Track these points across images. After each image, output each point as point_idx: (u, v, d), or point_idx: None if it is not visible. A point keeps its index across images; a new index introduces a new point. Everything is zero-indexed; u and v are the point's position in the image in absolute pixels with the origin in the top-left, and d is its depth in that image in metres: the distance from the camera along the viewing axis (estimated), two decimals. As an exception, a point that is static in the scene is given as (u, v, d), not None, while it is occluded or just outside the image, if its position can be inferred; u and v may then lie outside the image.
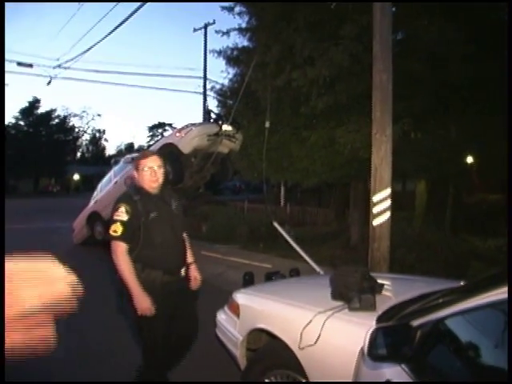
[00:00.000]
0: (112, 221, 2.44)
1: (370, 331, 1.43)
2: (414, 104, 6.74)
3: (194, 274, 2.71)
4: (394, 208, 5.33)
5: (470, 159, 10.93)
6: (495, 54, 6.34)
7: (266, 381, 2.31)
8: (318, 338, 2.01)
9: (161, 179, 2.52)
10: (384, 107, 5.15)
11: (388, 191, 5.19)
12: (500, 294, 1.32)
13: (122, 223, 2.38)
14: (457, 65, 6.42)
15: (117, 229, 2.38)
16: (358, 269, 2.40)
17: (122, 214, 2.40)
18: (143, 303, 2.33)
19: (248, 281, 4.43)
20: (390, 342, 1.42)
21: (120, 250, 2.38)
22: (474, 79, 6.69)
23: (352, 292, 2.16)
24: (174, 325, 2.59)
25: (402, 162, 7.06)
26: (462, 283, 2.52)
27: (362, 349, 1.77)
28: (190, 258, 2.72)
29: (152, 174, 2.47)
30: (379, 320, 1.93)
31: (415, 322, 1.50)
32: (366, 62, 5.54)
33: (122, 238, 2.39)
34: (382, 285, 2.45)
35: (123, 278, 2.37)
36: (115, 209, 2.45)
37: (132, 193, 2.49)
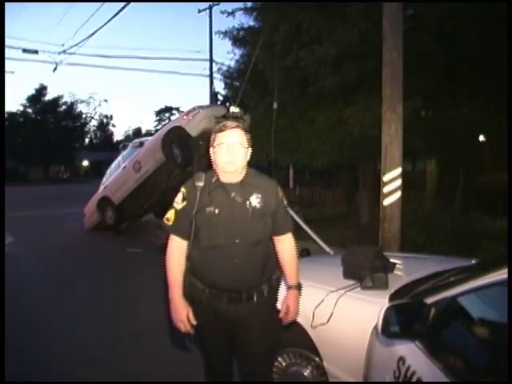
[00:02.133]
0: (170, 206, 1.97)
1: (384, 309, 1.42)
2: (425, 81, 6.60)
3: (289, 303, 1.94)
4: (404, 188, 5.27)
5: (481, 138, 10.75)
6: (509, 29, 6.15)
7: (279, 359, 2.33)
8: (330, 317, 2.01)
9: (241, 162, 1.84)
10: (394, 84, 5.05)
11: (399, 170, 5.13)
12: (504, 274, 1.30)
13: (176, 211, 1.89)
14: (468, 40, 6.25)
15: (170, 216, 1.92)
16: (371, 248, 2.39)
17: (179, 200, 1.90)
18: (175, 313, 1.86)
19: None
20: (403, 320, 1.41)
21: (170, 244, 1.93)
22: (486, 55, 6.51)
23: (364, 271, 2.16)
24: (237, 360, 2.04)
25: (413, 141, 6.97)
26: (473, 262, 2.51)
27: (376, 327, 1.77)
28: (290, 280, 1.97)
29: (228, 153, 1.80)
30: (392, 298, 1.92)
31: (429, 300, 1.49)
32: (375, 40, 5.40)
33: (174, 228, 1.90)
34: (395, 264, 2.44)
35: (166, 278, 1.92)
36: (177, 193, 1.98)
37: (197, 177, 1.89)
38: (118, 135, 51.92)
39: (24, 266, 6.35)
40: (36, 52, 15.66)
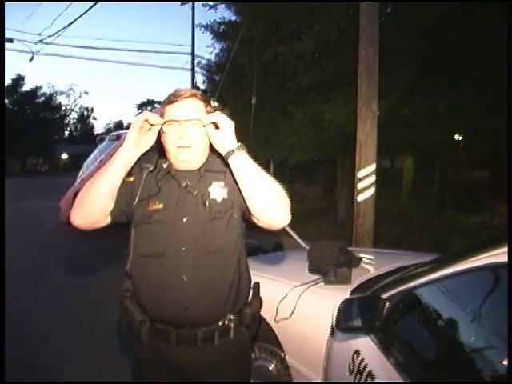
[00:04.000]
0: None
1: (338, 303, 1.44)
2: (401, 79, 6.68)
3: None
4: (381, 184, 5.36)
5: (456, 136, 10.97)
6: (486, 25, 6.26)
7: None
8: (292, 312, 2.02)
9: (200, 146, 1.38)
10: (369, 82, 5.10)
11: (373, 167, 5.19)
12: (472, 262, 1.33)
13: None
14: (446, 38, 6.34)
15: None
16: (335, 242, 2.42)
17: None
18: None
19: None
20: (357, 314, 1.43)
21: None
22: (464, 53, 6.62)
23: (328, 265, 2.18)
24: None
25: (389, 137, 7.06)
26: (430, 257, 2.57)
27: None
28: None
29: (179, 133, 1.34)
30: (353, 293, 1.95)
31: (385, 294, 1.52)
32: (353, 37, 5.44)
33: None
34: (360, 258, 2.47)
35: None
36: None
37: (147, 158, 1.41)
38: (99, 128, 51.10)
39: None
40: (11, 41, 15.20)
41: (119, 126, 46.97)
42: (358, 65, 5.11)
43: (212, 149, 1.43)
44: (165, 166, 1.43)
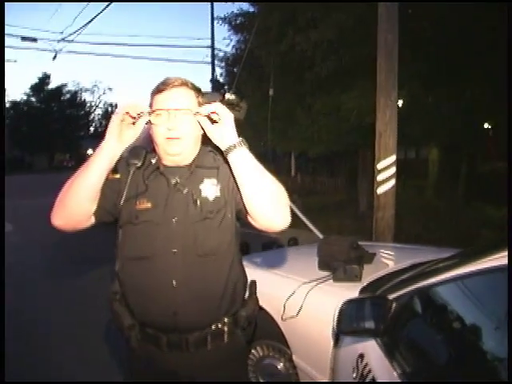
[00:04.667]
0: None
1: (340, 304, 1.35)
2: (422, 66, 6.43)
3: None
4: (406, 176, 5.17)
5: (484, 126, 10.56)
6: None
7: (253, 351, 2.27)
8: (299, 310, 1.94)
9: (190, 139, 1.28)
10: (389, 69, 4.90)
11: (393, 158, 5.01)
12: (488, 261, 1.21)
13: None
14: (467, 27, 6.05)
15: None
16: (346, 238, 2.31)
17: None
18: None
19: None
20: (361, 315, 1.33)
21: None
22: (488, 41, 6.31)
23: (337, 262, 2.08)
24: None
25: (411, 127, 6.82)
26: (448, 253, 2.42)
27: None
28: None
29: (170, 125, 1.23)
30: (363, 291, 1.85)
31: (393, 294, 1.42)
32: (371, 23, 5.25)
33: None
34: (374, 254, 2.36)
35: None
36: None
37: (133, 153, 1.31)
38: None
39: (23, 256, 6.31)
40: (35, 40, 15.52)
41: (142, 121, 47.50)
42: (377, 52, 4.92)
43: (203, 142, 1.34)
44: (153, 161, 1.33)
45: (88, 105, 43.13)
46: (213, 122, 1.26)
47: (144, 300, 1.26)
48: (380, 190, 5.02)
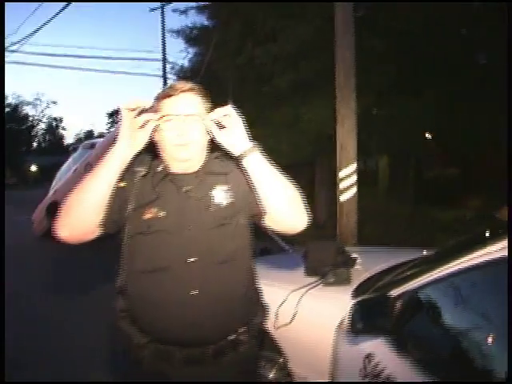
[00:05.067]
0: None
1: (351, 306, 1.38)
2: (375, 80, 6.76)
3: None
4: (358, 184, 5.37)
5: (429, 135, 11.23)
6: (455, 29, 6.43)
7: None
8: (293, 317, 1.95)
9: (199, 145, 1.27)
10: (348, 83, 5.12)
11: (354, 166, 5.21)
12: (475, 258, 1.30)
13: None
14: (416, 40, 6.46)
15: None
16: (332, 243, 2.37)
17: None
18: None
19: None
20: (370, 315, 1.37)
21: None
22: (434, 54, 6.77)
23: (326, 267, 2.12)
24: None
25: (365, 137, 7.13)
26: (425, 252, 2.56)
27: (340, 324, 1.74)
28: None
29: (179, 131, 1.22)
30: (355, 293, 1.90)
31: (393, 293, 1.47)
32: (330, 36, 5.46)
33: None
34: (355, 258, 2.43)
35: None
36: None
37: (138, 161, 1.28)
38: (69, 138, 49.72)
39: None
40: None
41: (90, 135, 45.84)
42: (336, 67, 5.12)
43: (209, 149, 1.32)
44: (159, 169, 1.29)
45: (30, 119, 41.10)
46: (220, 127, 1.25)
47: (159, 314, 1.20)
48: (343, 198, 5.19)
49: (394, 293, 1.47)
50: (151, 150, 1.31)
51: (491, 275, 1.25)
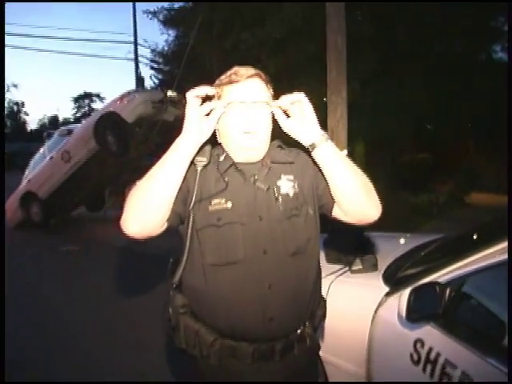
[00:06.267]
0: None
1: (407, 293, 1.39)
2: (361, 67, 6.81)
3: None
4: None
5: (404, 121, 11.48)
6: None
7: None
8: (324, 304, 1.94)
9: (267, 132, 1.21)
10: (339, 68, 5.11)
11: (344, 152, 5.15)
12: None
13: None
14: (403, 27, 6.53)
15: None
16: (353, 229, 2.37)
17: None
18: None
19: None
20: (426, 302, 1.38)
21: None
22: (419, 42, 6.88)
23: (351, 254, 2.13)
24: None
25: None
26: (440, 236, 2.62)
27: (376, 311, 1.75)
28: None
29: (247, 118, 1.17)
30: (386, 280, 1.92)
31: (441, 279, 1.49)
32: (318, 23, 5.42)
33: None
34: (374, 244, 2.45)
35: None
36: None
37: (202, 152, 1.20)
38: (32, 124, 47.66)
39: None
40: None
41: (54, 121, 44.11)
42: (327, 52, 5.10)
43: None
44: (222, 158, 1.23)
45: (-11, 103, 39.03)
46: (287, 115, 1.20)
47: (234, 308, 1.16)
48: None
49: (441, 279, 1.48)
50: (209, 140, 1.25)
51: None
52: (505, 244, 1.37)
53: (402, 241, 2.79)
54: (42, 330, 3.59)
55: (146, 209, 1.10)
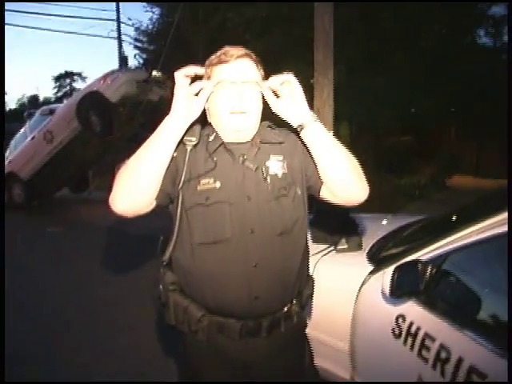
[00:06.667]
0: None
1: (391, 270, 1.44)
2: (348, 52, 6.79)
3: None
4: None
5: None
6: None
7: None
8: (310, 282, 2.00)
9: (256, 113, 1.22)
10: (326, 51, 5.10)
11: (330, 133, 5.26)
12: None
13: None
14: (388, 13, 6.53)
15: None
16: (338, 210, 2.42)
17: None
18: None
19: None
20: (408, 279, 1.44)
21: None
22: (404, 28, 6.89)
23: (336, 234, 2.18)
24: None
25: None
26: (420, 217, 2.70)
27: (361, 289, 1.81)
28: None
29: (237, 98, 1.17)
30: (371, 258, 1.98)
31: (423, 257, 1.55)
32: (305, 4, 5.36)
33: None
34: (358, 224, 2.51)
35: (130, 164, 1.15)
36: None
37: (192, 132, 1.22)
38: (11, 103, 46.11)
39: None
40: None
41: (34, 100, 42.82)
42: (314, 33, 5.07)
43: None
44: (211, 138, 1.23)
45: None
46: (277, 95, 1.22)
47: (221, 286, 1.19)
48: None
49: (423, 258, 1.55)
50: (199, 119, 1.27)
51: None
52: (482, 224, 1.44)
53: (385, 221, 2.87)
54: (27, 313, 3.59)
55: (134, 188, 1.12)
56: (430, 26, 6.95)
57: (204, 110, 1.21)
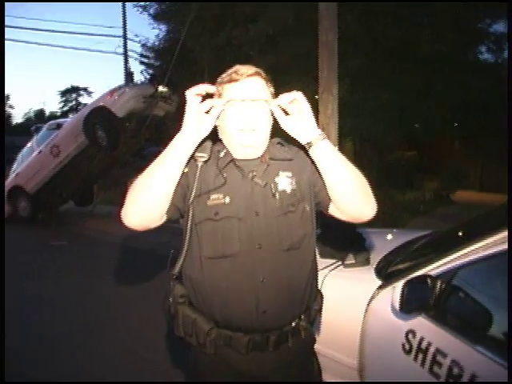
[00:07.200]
0: None
1: (401, 285, 1.45)
2: (351, 65, 6.87)
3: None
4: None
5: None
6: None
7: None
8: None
9: (266, 130, 1.25)
10: (330, 66, 5.17)
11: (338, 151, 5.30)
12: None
13: None
14: (391, 27, 6.61)
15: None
16: (346, 225, 2.43)
17: None
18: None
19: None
20: (418, 294, 1.45)
21: None
22: (405, 41, 6.97)
23: (344, 249, 2.19)
24: None
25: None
26: (428, 232, 2.70)
27: (369, 304, 1.81)
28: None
29: (246, 116, 1.20)
30: (379, 273, 1.98)
31: (433, 272, 1.55)
32: (310, 21, 5.46)
33: None
34: (366, 239, 2.51)
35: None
36: None
37: (203, 148, 1.26)
38: (18, 117, 46.75)
39: None
40: None
41: (41, 115, 43.38)
42: (319, 49, 5.15)
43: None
44: (222, 154, 1.28)
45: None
46: (286, 113, 1.24)
47: (229, 301, 1.22)
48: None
49: (432, 272, 1.55)
50: (210, 136, 1.30)
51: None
52: (489, 240, 1.45)
53: (392, 236, 2.88)
54: (33, 326, 3.58)
55: (146, 202, 1.15)
56: (433, 41, 7.02)
57: (215, 126, 1.24)
